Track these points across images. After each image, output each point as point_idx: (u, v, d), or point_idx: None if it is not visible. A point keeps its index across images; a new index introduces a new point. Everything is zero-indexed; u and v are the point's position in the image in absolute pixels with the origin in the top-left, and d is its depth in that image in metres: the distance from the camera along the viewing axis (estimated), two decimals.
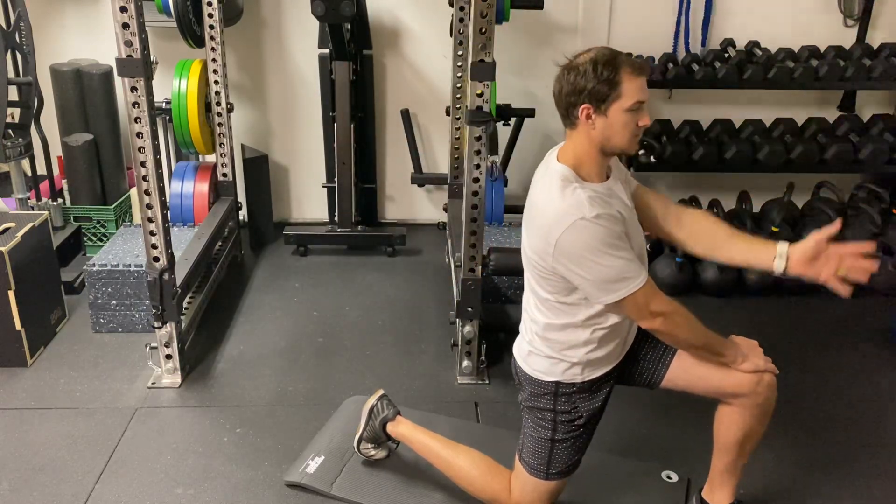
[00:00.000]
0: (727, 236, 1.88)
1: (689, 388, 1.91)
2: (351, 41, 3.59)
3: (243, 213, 3.99)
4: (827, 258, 1.74)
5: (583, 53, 1.69)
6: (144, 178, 2.48)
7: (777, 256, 1.76)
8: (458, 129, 3.70)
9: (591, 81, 1.63)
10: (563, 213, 1.65)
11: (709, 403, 1.96)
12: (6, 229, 2.81)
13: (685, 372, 1.89)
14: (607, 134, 1.68)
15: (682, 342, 1.84)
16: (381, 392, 2.27)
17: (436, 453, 2.12)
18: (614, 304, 1.72)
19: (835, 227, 1.73)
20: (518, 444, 1.98)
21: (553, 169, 1.74)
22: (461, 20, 3.41)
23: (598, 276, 1.67)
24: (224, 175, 3.67)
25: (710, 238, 1.90)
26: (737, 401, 1.87)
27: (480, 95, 2.41)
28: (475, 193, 2.55)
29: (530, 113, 3.63)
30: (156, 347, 2.70)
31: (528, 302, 1.91)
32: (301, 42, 3.88)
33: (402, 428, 2.19)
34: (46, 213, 3.03)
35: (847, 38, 3.94)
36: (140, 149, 2.43)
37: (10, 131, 3.21)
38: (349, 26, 3.52)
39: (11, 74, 3.23)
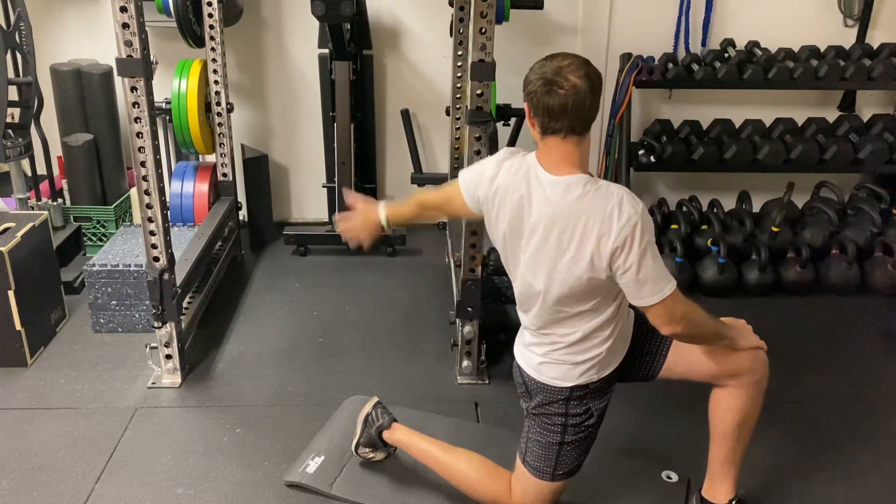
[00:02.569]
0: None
1: (687, 374, 1.92)
2: (351, 41, 3.59)
3: (243, 213, 3.99)
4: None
5: (571, 62, 1.65)
6: (144, 178, 2.48)
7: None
8: (458, 129, 3.70)
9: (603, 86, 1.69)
10: (627, 199, 1.64)
11: (708, 403, 1.97)
12: (6, 229, 2.81)
13: (683, 358, 1.90)
14: None
15: (700, 340, 1.84)
16: (375, 399, 2.26)
17: (434, 458, 2.11)
18: (647, 307, 1.69)
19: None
20: (520, 448, 1.98)
21: (577, 180, 1.69)
22: (461, 20, 3.41)
23: (651, 269, 1.65)
24: (224, 175, 3.67)
25: None
26: (734, 381, 1.88)
27: (480, 95, 2.41)
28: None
29: None
30: (156, 347, 2.71)
31: (545, 321, 1.84)
32: (301, 42, 3.88)
33: (398, 434, 2.19)
34: (46, 213, 3.04)
35: (847, 38, 3.93)
36: (140, 149, 2.43)
37: (10, 131, 3.21)
38: (349, 26, 3.52)
39: (11, 74, 3.23)
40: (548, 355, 1.85)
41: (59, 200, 3.56)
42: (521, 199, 1.75)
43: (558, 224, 1.69)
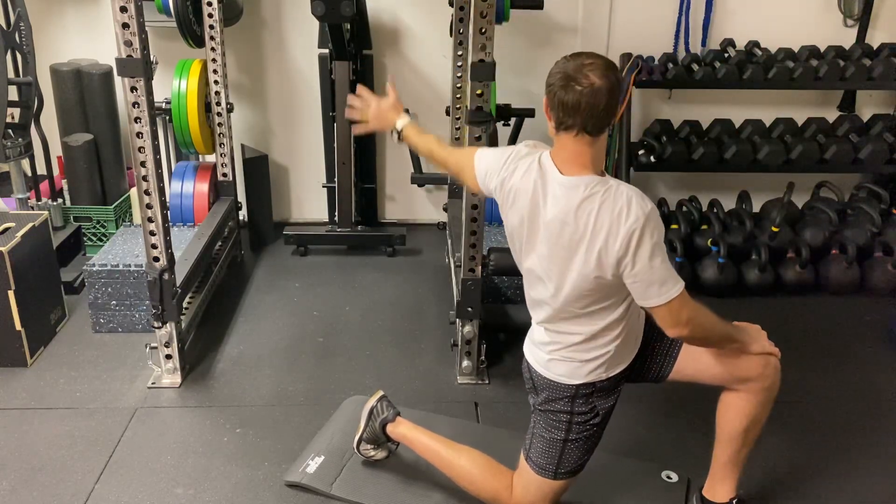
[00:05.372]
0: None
1: (697, 377, 1.92)
2: (351, 41, 3.59)
3: (243, 213, 3.99)
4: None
5: (594, 62, 1.65)
6: (144, 178, 2.48)
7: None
8: (458, 129, 3.70)
9: (622, 90, 1.70)
10: (636, 200, 1.64)
11: (708, 403, 1.97)
12: (6, 229, 2.81)
13: (694, 361, 1.90)
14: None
15: (706, 343, 1.84)
16: (380, 393, 2.27)
17: (436, 453, 2.12)
18: (652, 308, 1.70)
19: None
20: (525, 444, 1.98)
21: (586, 182, 1.69)
22: (461, 20, 3.41)
23: (658, 270, 1.65)
24: (224, 175, 3.67)
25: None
26: (744, 386, 1.88)
27: (480, 95, 2.41)
28: (475, 193, 2.55)
29: (530, 113, 3.63)
30: (156, 347, 2.71)
31: (555, 318, 1.84)
32: (301, 42, 3.88)
33: (402, 429, 2.19)
34: (46, 213, 3.04)
35: (847, 38, 3.93)
36: (140, 149, 2.43)
37: (10, 131, 3.21)
38: (349, 26, 3.52)
39: (11, 74, 3.23)
40: (557, 352, 1.86)
41: (59, 200, 3.56)
42: (537, 198, 1.76)
43: (569, 226, 1.70)
